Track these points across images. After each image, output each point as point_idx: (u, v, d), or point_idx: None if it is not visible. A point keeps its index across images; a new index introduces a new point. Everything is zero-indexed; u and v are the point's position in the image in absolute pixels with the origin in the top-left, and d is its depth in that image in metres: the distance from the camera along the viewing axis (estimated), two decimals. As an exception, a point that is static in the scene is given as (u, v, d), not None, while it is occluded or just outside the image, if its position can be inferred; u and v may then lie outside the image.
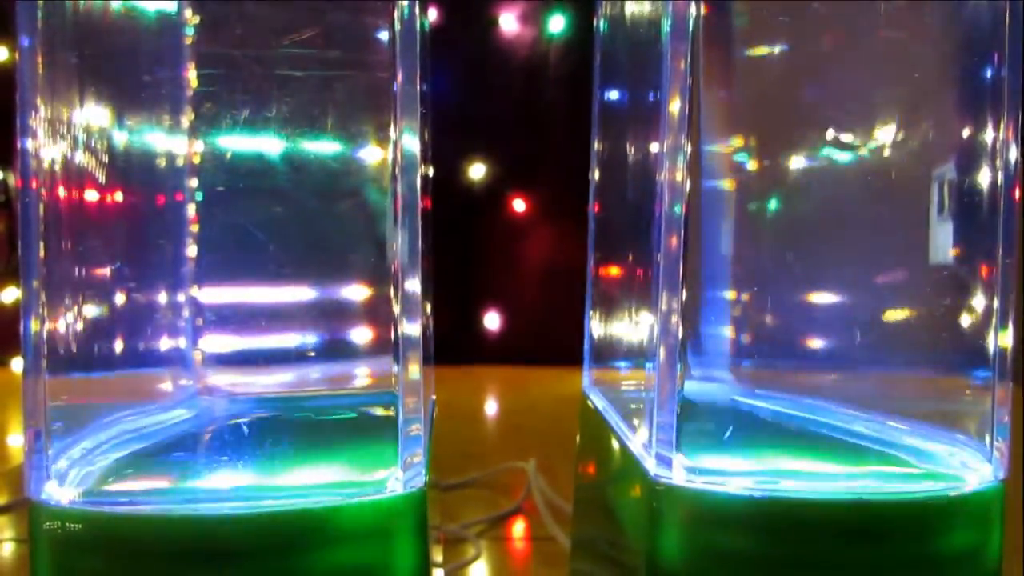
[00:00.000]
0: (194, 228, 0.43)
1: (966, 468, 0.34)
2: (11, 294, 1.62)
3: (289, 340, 0.42)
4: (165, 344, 0.42)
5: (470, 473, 0.83)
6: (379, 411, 0.38)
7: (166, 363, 0.42)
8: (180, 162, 0.43)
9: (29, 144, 0.34)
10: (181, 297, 0.43)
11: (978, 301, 0.37)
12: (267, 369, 0.42)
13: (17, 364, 1.26)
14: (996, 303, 0.36)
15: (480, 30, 1.63)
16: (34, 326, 0.33)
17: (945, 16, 0.40)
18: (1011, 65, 0.37)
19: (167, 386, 0.42)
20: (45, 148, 0.34)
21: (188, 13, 0.43)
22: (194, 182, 0.43)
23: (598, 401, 0.46)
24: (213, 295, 0.43)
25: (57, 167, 0.35)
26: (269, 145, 0.41)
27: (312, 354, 0.41)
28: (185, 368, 0.42)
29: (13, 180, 1.65)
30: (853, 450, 0.35)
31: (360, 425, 0.38)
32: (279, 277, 0.42)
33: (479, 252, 1.68)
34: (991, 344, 0.35)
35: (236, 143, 0.42)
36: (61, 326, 0.35)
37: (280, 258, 0.41)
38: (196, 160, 0.42)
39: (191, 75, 0.42)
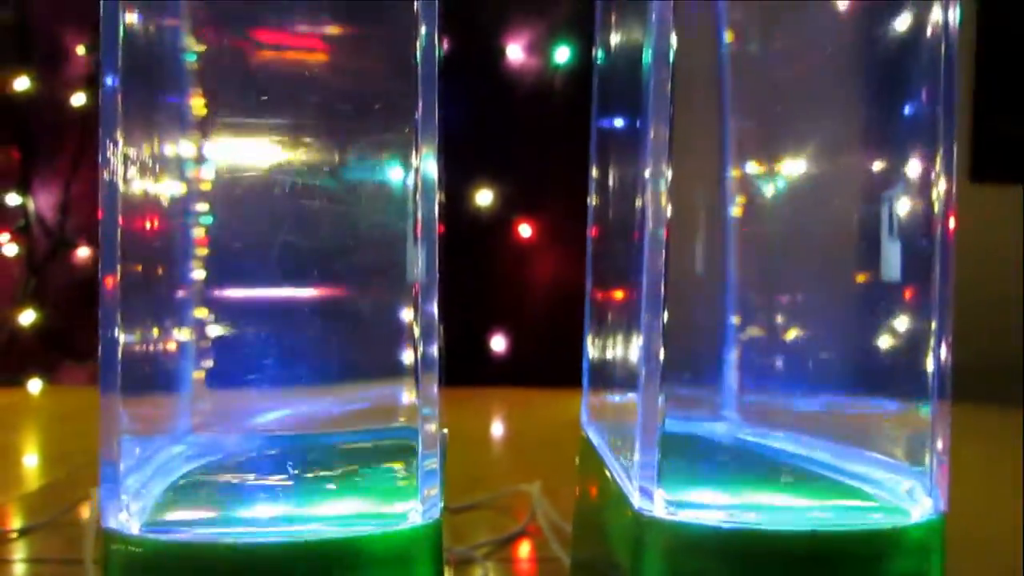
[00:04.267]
0: (202, 251, 0.45)
1: (912, 500, 0.38)
2: (28, 316, 1.67)
3: (304, 363, 0.44)
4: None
5: (477, 495, 0.87)
6: (400, 445, 0.41)
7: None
8: (204, 187, 0.45)
9: (108, 176, 0.38)
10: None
11: (918, 328, 0.41)
12: (281, 396, 0.44)
13: (34, 385, 1.30)
14: (934, 331, 0.40)
15: (488, 60, 1.68)
16: (113, 354, 0.36)
17: (888, 56, 0.44)
18: (945, 104, 0.41)
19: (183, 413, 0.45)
20: (122, 179, 0.38)
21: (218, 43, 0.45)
22: (205, 206, 0.44)
23: (594, 437, 0.50)
24: (225, 319, 0.44)
25: (131, 197, 0.39)
26: (289, 171, 0.43)
27: (331, 379, 0.44)
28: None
29: (32, 206, 1.70)
30: (815, 482, 0.40)
31: (381, 456, 0.42)
32: (298, 302, 0.44)
33: (486, 276, 1.72)
34: (932, 382, 0.39)
35: (257, 168, 0.44)
36: (137, 353, 0.38)
37: (299, 281, 0.44)
38: (211, 185, 0.44)
39: (221, 103, 0.45)
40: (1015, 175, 1.82)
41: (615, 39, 0.54)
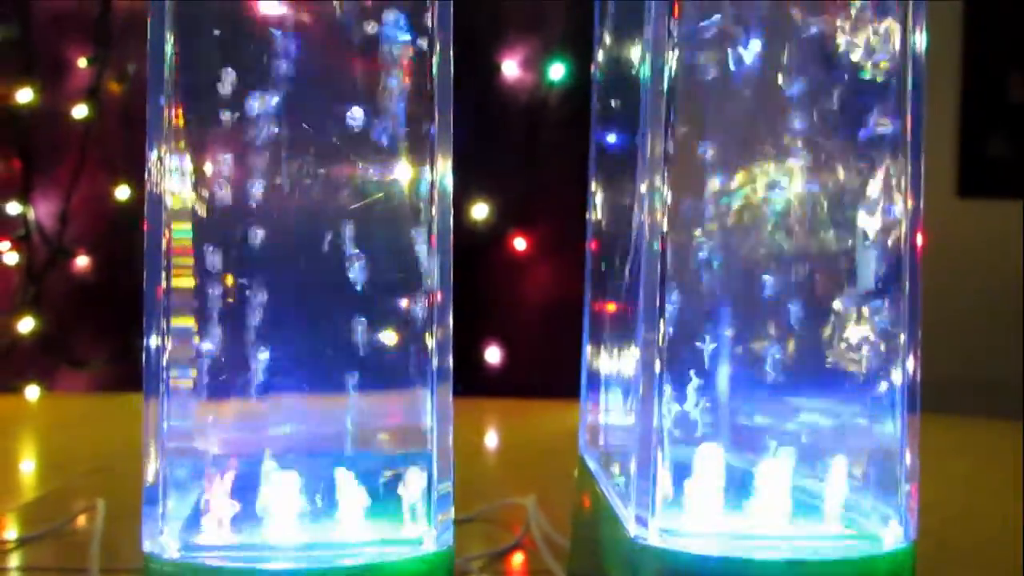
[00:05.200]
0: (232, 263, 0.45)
1: (886, 527, 0.41)
2: (27, 324, 1.69)
3: (327, 375, 0.45)
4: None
5: (472, 508, 0.89)
6: (414, 470, 0.43)
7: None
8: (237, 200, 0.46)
9: (153, 188, 0.40)
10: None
11: (889, 343, 0.43)
12: (302, 408, 0.45)
13: (32, 392, 1.32)
14: (904, 345, 0.42)
15: (483, 76, 1.70)
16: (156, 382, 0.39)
17: (859, 78, 0.46)
18: (913, 127, 0.43)
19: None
20: (165, 190, 0.40)
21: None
22: (238, 219, 0.45)
23: (591, 463, 0.53)
24: (248, 332, 0.44)
25: (171, 208, 0.41)
26: (311, 190, 0.45)
27: (353, 389, 0.45)
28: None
29: (32, 215, 1.72)
30: (801, 508, 0.42)
31: (396, 479, 0.44)
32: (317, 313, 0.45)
33: (481, 288, 1.75)
34: (901, 397, 0.42)
35: (284, 181, 0.45)
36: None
37: (323, 292, 0.45)
38: (242, 199, 0.46)
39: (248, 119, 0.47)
40: (1001, 190, 1.85)
41: (613, 56, 0.56)
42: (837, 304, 0.46)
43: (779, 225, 0.47)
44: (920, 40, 0.43)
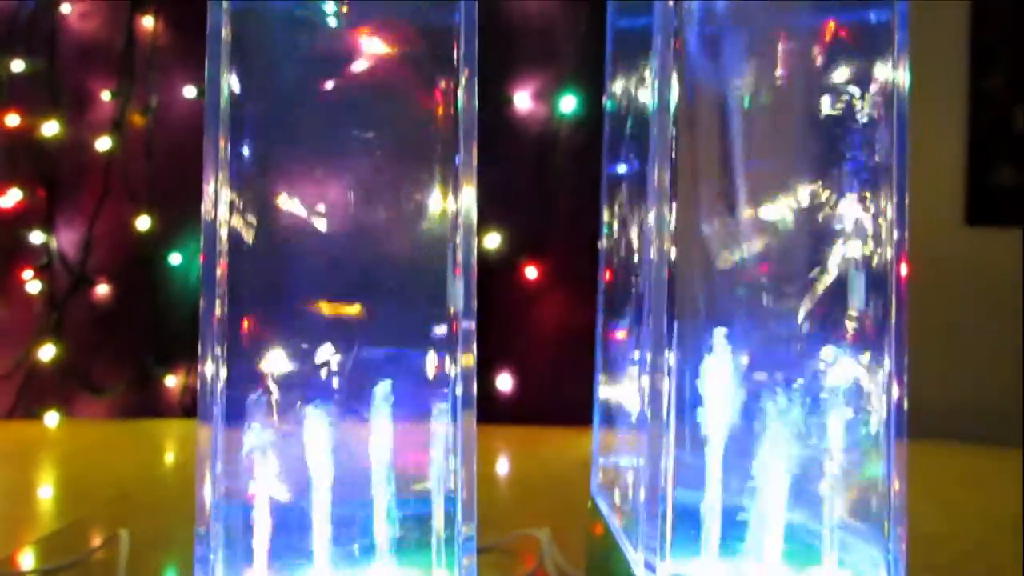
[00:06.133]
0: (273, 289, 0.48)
1: (877, 569, 0.43)
2: (48, 351, 1.72)
3: (357, 402, 0.46)
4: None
5: (486, 538, 0.90)
6: (438, 512, 0.44)
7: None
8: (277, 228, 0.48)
9: (209, 217, 0.43)
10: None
11: (875, 371, 0.45)
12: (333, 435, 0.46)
13: (51, 418, 1.34)
14: (890, 372, 0.43)
15: (496, 108, 1.73)
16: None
17: (847, 113, 0.48)
18: (898, 160, 0.45)
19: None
20: (220, 222, 0.43)
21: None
22: (278, 247, 0.48)
23: (603, 506, 0.55)
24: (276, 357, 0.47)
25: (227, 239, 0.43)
26: (342, 214, 0.47)
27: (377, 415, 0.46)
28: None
29: (55, 244, 1.76)
30: (802, 551, 0.44)
31: (421, 519, 0.45)
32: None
33: (492, 317, 1.76)
34: (889, 424, 0.43)
35: (322, 212, 0.47)
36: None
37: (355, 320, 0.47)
38: (283, 226, 0.48)
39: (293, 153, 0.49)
40: (1008, 218, 1.87)
41: (623, 90, 0.58)
42: (831, 333, 0.47)
43: (775, 255, 0.49)
44: (903, 77, 0.46)
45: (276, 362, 0.46)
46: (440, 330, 0.45)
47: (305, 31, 0.47)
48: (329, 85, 0.48)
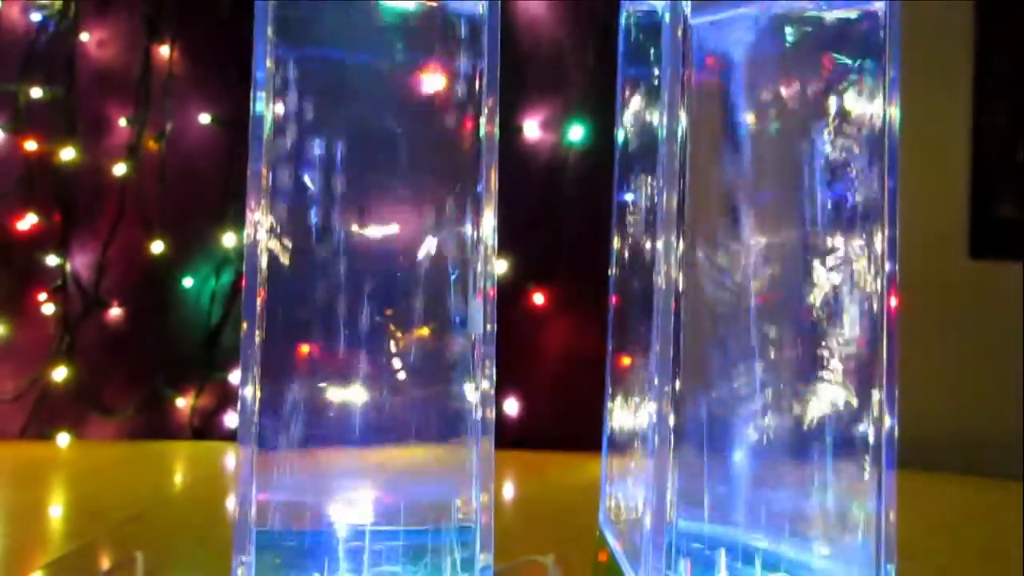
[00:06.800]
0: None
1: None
2: (60, 373, 1.74)
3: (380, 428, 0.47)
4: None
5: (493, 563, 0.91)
6: (456, 540, 0.45)
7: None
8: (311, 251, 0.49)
9: (250, 246, 0.44)
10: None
11: (866, 402, 0.46)
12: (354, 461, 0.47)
13: (62, 439, 1.36)
14: (880, 403, 0.45)
15: (506, 136, 1.76)
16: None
17: (841, 149, 0.50)
18: (889, 196, 0.47)
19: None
20: (262, 249, 0.44)
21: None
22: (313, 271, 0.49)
23: (610, 538, 0.56)
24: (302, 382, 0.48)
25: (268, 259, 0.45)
26: (367, 238, 0.48)
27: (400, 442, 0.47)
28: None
29: (69, 267, 1.78)
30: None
31: (440, 548, 0.46)
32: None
33: (500, 341, 1.78)
34: (881, 455, 0.44)
35: (346, 233, 0.48)
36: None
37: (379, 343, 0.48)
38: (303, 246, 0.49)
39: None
40: (1012, 251, 1.88)
41: (633, 119, 0.59)
42: (827, 364, 0.49)
43: (775, 284, 0.50)
44: (894, 115, 0.47)
45: (306, 387, 0.47)
46: (462, 355, 0.46)
47: (338, 69, 0.49)
48: (360, 117, 0.49)
